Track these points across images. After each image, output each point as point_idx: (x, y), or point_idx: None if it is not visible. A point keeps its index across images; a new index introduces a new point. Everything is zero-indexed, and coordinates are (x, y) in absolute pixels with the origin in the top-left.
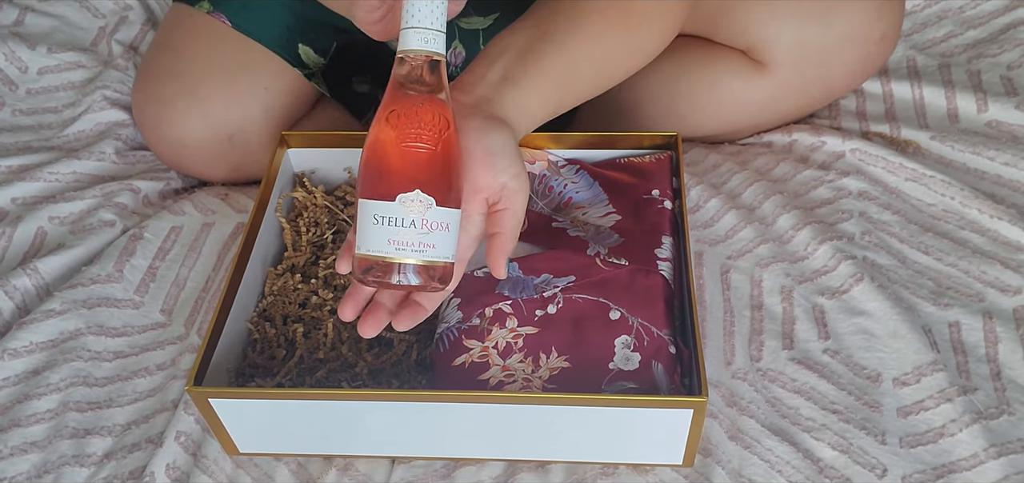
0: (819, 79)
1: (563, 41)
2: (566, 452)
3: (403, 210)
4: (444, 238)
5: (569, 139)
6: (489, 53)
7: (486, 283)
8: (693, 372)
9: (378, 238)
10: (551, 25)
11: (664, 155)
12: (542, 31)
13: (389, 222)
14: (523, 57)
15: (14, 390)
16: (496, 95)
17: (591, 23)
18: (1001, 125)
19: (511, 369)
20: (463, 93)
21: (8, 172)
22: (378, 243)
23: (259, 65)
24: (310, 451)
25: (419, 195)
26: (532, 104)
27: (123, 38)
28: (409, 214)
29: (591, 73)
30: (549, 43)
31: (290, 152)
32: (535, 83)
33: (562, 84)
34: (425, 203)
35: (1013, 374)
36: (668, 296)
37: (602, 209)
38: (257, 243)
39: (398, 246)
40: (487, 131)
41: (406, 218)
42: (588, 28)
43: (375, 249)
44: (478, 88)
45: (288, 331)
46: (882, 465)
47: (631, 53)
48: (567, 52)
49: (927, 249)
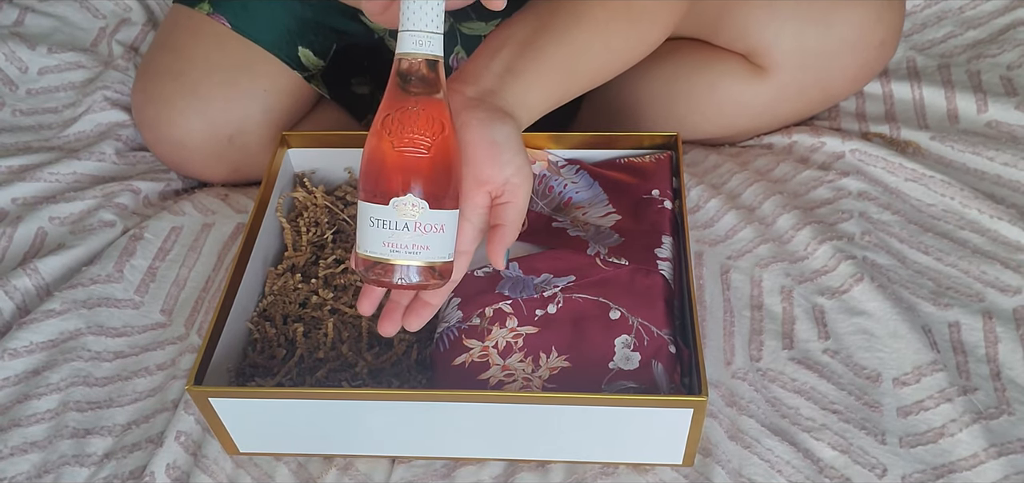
0: (819, 83)
1: (564, 33)
2: (566, 452)
3: (396, 214)
4: (439, 240)
5: (569, 139)
6: (491, 44)
7: (486, 283)
8: (693, 372)
9: (375, 240)
10: (553, 17)
11: (664, 155)
12: (544, 22)
13: (384, 225)
14: (525, 49)
15: (14, 390)
16: (499, 87)
17: (592, 15)
18: (1001, 125)
19: (511, 369)
20: (466, 84)
21: (8, 172)
22: (375, 245)
23: (258, 66)
24: (310, 451)
25: (412, 199)
26: (534, 96)
27: (124, 39)
28: (402, 218)
29: (593, 65)
30: (551, 35)
31: (290, 152)
32: (537, 76)
33: (564, 76)
34: (418, 207)
35: (1013, 374)
36: (668, 296)
37: (602, 209)
38: (257, 243)
39: (393, 248)
40: (491, 124)
41: (399, 222)
42: (589, 20)
43: (372, 250)
44: (481, 80)
45: (288, 331)
46: (882, 465)
47: (633, 45)
48: (569, 44)
49: (927, 249)
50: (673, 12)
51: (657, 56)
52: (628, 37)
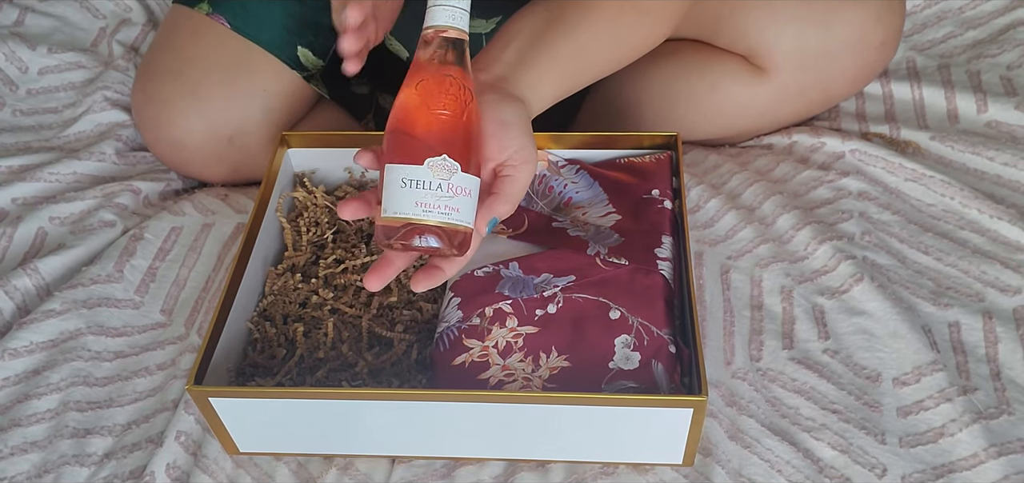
0: (819, 85)
1: (575, 26)
2: (566, 452)
3: (430, 174)
4: (467, 203)
5: (569, 139)
6: (504, 35)
7: (486, 283)
8: (693, 371)
9: (406, 200)
10: (563, 9)
11: (664, 155)
12: (555, 14)
13: (417, 185)
14: (536, 40)
15: (14, 390)
16: (511, 74)
17: (602, 8)
18: (1001, 125)
19: (511, 368)
20: (479, 71)
21: (8, 172)
22: (405, 205)
23: (258, 66)
24: (310, 451)
25: (446, 160)
26: (545, 85)
27: (124, 39)
28: (436, 177)
29: (602, 56)
30: (562, 26)
31: (290, 152)
32: (549, 65)
33: (575, 66)
34: (451, 168)
35: (1013, 374)
36: (668, 296)
37: (602, 209)
38: (257, 243)
39: (426, 208)
40: (501, 104)
41: (433, 181)
42: (599, 12)
43: (402, 211)
44: (495, 68)
45: (288, 330)
46: (882, 465)
47: (641, 37)
48: (579, 36)
49: (927, 249)
50: (679, 6)
51: (657, 57)
52: (637, 29)
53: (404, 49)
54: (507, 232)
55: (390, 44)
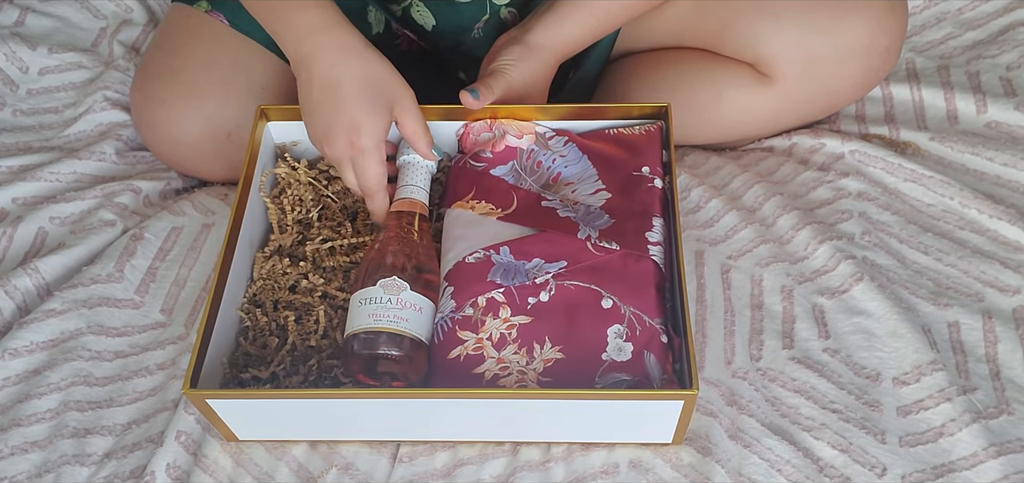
0: (823, 91)
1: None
2: (558, 435)
3: (382, 292)
4: (415, 316)
5: (556, 110)
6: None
7: (478, 270)
8: (684, 357)
9: (362, 315)
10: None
11: (654, 126)
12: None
13: (371, 301)
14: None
15: (14, 390)
16: (535, 24)
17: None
18: (1000, 126)
19: (505, 361)
20: (518, 30)
21: (9, 172)
22: (361, 319)
23: (257, 64)
24: (307, 437)
25: (395, 279)
26: (567, 27)
27: (125, 39)
28: (388, 294)
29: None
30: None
31: (270, 125)
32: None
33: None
34: (400, 286)
35: (1012, 374)
36: (659, 282)
37: (592, 185)
38: (243, 225)
39: (376, 318)
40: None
41: (384, 297)
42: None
43: (359, 323)
44: (528, 22)
45: (279, 317)
46: (882, 464)
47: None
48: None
49: (927, 249)
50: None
51: (663, 64)
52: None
53: (431, 17)
54: (497, 213)
55: (417, 13)
